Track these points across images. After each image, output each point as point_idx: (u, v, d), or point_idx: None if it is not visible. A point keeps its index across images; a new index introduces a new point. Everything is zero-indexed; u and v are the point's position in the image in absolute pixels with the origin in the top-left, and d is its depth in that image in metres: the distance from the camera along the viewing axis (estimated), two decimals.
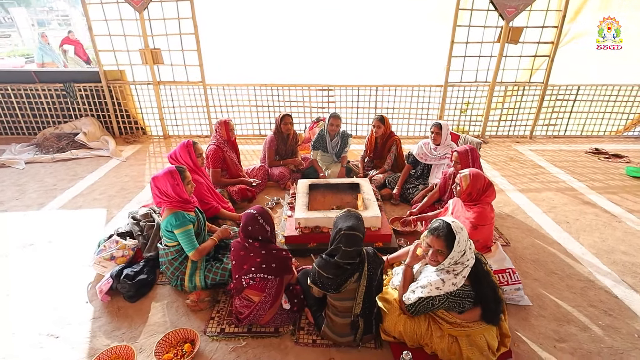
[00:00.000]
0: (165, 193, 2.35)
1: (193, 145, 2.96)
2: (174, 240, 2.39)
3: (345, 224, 1.89)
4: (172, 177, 2.34)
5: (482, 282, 1.89)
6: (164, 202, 2.36)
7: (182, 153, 2.91)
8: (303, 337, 2.16)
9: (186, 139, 2.99)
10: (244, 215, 2.13)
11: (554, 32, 5.04)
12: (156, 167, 4.60)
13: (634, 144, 5.66)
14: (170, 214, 2.33)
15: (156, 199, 2.40)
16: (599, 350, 2.10)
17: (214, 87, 5.40)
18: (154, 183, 2.37)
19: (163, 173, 2.36)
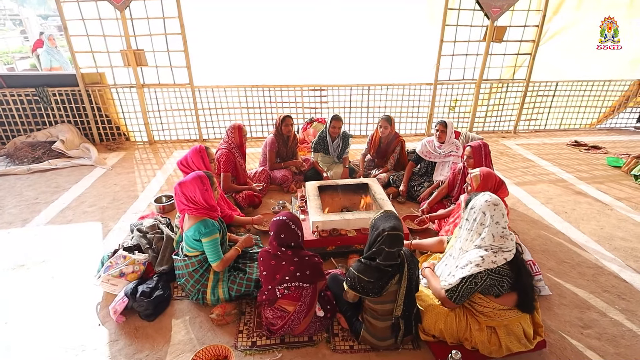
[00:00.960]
0: (192, 199, 2.22)
1: (206, 150, 2.82)
2: (196, 250, 2.26)
3: (387, 225, 1.85)
4: (202, 183, 2.23)
5: (520, 269, 1.92)
6: (189, 209, 2.23)
7: (195, 159, 2.75)
8: (340, 344, 2.11)
9: (197, 146, 2.83)
10: (273, 223, 2.03)
11: (535, 31, 5.27)
12: (146, 175, 4.35)
13: (607, 135, 6.04)
14: (198, 222, 2.21)
15: (180, 206, 2.26)
16: (622, 333, 2.20)
17: (203, 89, 5.19)
18: (180, 189, 2.24)
19: (192, 178, 2.24)
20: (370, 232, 1.92)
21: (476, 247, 1.93)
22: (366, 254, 1.92)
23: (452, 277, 1.96)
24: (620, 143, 5.63)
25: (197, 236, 2.19)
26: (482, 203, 1.93)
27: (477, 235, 1.95)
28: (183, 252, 2.33)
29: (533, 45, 5.36)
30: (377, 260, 1.85)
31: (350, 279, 1.96)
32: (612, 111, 6.21)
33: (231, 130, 3.51)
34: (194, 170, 2.70)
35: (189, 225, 2.23)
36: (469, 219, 1.99)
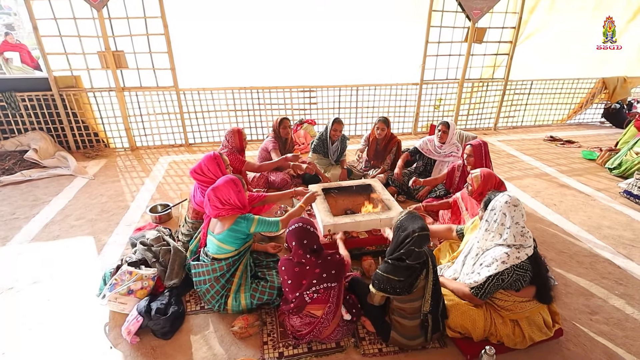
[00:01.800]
0: (227, 201, 2.19)
1: (221, 157, 2.71)
2: (233, 250, 2.21)
3: (416, 225, 1.85)
4: (235, 185, 2.22)
5: (538, 262, 2.00)
6: (225, 210, 2.19)
7: (211, 166, 2.63)
8: (368, 348, 2.09)
9: (212, 151, 2.69)
10: (292, 233, 2.00)
11: (512, 32, 5.52)
12: (134, 183, 4.12)
13: (577, 130, 6.45)
14: (236, 218, 2.20)
15: (215, 211, 2.20)
16: (626, 317, 2.35)
17: (188, 92, 4.99)
18: (214, 194, 2.18)
19: (224, 182, 2.22)
20: (396, 233, 1.92)
21: (497, 245, 1.99)
22: (393, 255, 1.92)
23: (477, 275, 2.00)
24: (589, 137, 6.03)
25: (242, 227, 2.18)
26: (503, 204, 1.98)
27: (498, 235, 2.00)
28: (210, 256, 2.24)
29: (511, 45, 5.61)
30: (407, 261, 1.85)
31: (377, 281, 1.95)
32: (580, 107, 6.63)
33: (230, 134, 3.40)
34: (210, 178, 2.60)
35: (226, 226, 2.18)
36: (489, 220, 2.04)
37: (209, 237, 2.28)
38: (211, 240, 2.26)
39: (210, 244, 2.27)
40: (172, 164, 4.68)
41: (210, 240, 2.28)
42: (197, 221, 2.75)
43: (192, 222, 2.76)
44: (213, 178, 2.62)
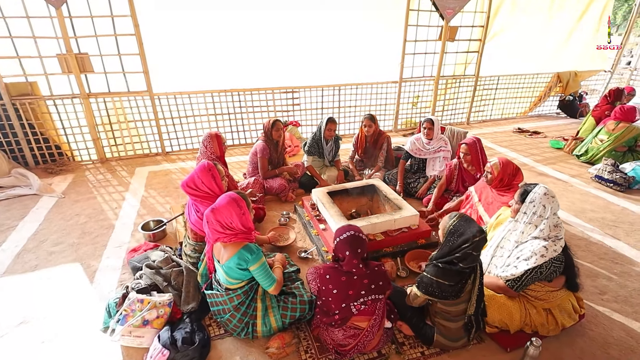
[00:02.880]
0: (229, 226, 1.94)
1: (216, 167, 2.49)
2: (242, 280, 2.00)
3: (475, 229, 1.82)
4: (238, 206, 1.96)
5: (568, 252, 2.08)
6: (226, 236, 1.95)
7: (205, 178, 2.41)
8: (411, 353, 2.06)
9: (205, 162, 2.48)
10: (345, 241, 1.86)
11: (481, 30, 5.80)
12: (113, 199, 3.75)
13: (539, 121, 6.95)
14: (240, 249, 1.94)
15: (215, 235, 1.96)
16: (630, 293, 2.53)
17: (163, 96, 4.64)
18: (214, 217, 1.93)
19: (226, 203, 1.95)
20: (451, 237, 1.88)
21: (534, 238, 2.04)
22: (445, 259, 1.89)
23: (514, 269, 2.04)
24: (550, 127, 6.52)
25: (243, 265, 1.94)
26: (542, 196, 2.03)
27: (533, 227, 2.05)
28: (223, 286, 2.05)
29: (480, 43, 5.89)
30: (461, 264, 1.83)
31: (425, 285, 1.92)
32: (539, 100, 7.16)
33: (208, 140, 3.17)
34: (205, 192, 2.40)
35: (229, 255, 1.96)
36: (527, 212, 2.07)
37: (216, 264, 2.08)
38: (218, 269, 2.04)
39: (219, 273, 2.05)
40: (152, 175, 4.32)
41: (218, 269, 2.06)
42: (198, 243, 2.51)
43: (194, 244, 2.52)
44: (208, 192, 2.42)
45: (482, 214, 2.92)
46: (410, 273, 2.65)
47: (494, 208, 2.82)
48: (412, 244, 2.90)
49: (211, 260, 2.16)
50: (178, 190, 3.93)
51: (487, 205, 2.91)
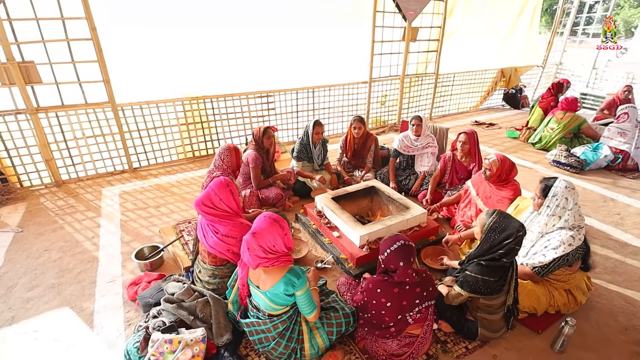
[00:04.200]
0: (272, 249, 1.79)
1: (234, 183, 2.30)
2: (286, 306, 1.87)
3: (516, 224, 1.90)
4: (281, 227, 1.81)
5: (585, 238, 2.28)
6: (268, 260, 1.79)
7: (224, 195, 2.20)
8: (457, 350, 2.10)
9: (221, 177, 2.28)
10: (397, 252, 1.81)
11: (439, 31, 6.14)
12: (86, 227, 3.29)
13: (489, 113, 7.57)
14: (286, 273, 1.81)
15: (256, 261, 1.79)
16: (614, 264, 2.87)
17: (128, 107, 4.18)
18: (256, 242, 1.77)
19: (268, 225, 1.79)
20: (492, 234, 1.94)
21: (559, 228, 2.20)
22: (486, 256, 1.95)
23: (542, 257, 2.19)
24: (500, 118, 7.14)
25: (290, 290, 1.81)
26: (564, 189, 2.19)
27: (557, 218, 2.21)
28: (264, 312, 1.90)
29: (438, 43, 6.24)
30: (504, 259, 1.91)
31: (470, 284, 1.97)
32: (487, 94, 7.80)
33: (226, 153, 2.96)
34: (224, 211, 2.21)
35: (274, 281, 1.81)
36: (550, 205, 2.23)
37: (253, 289, 1.93)
38: (259, 296, 1.89)
39: (259, 299, 1.90)
40: (124, 195, 3.88)
41: (256, 295, 1.92)
42: (218, 267, 2.32)
43: (213, 268, 2.32)
44: (227, 211, 2.24)
45: (481, 207, 3.09)
46: (430, 271, 2.71)
47: (493, 202, 3.01)
48: (424, 242, 2.98)
49: (245, 286, 1.99)
50: (161, 210, 3.58)
51: (486, 199, 3.08)
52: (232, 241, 2.22)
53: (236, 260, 2.23)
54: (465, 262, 2.10)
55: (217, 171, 2.93)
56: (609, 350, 2.11)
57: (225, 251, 2.23)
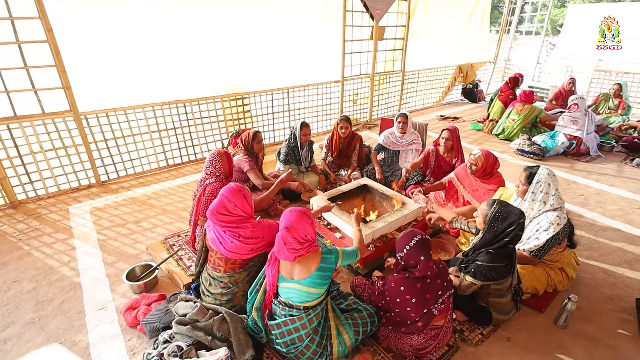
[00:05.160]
0: (305, 238, 1.85)
1: (245, 187, 2.19)
2: (324, 291, 1.91)
3: (517, 211, 2.01)
4: (308, 217, 1.89)
5: (567, 216, 2.48)
6: (303, 249, 1.84)
7: (238, 201, 2.09)
8: (473, 337, 2.18)
9: (232, 183, 2.15)
10: (417, 247, 1.86)
11: (403, 30, 6.34)
12: (58, 251, 2.95)
13: (450, 108, 7.98)
14: (321, 255, 1.89)
15: (293, 253, 1.83)
16: (588, 241, 3.16)
17: (92, 115, 3.82)
18: (291, 235, 1.81)
19: (297, 217, 1.85)
20: (495, 223, 2.03)
21: (545, 212, 2.36)
22: (494, 245, 2.04)
23: (536, 240, 2.34)
24: (462, 112, 7.56)
25: (330, 268, 1.90)
26: (546, 176, 2.36)
27: (543, 204, 2.37)
28: (300, 307, 1.87)
29: (403, 41, 6.44)
30: (510, 245, 2.01)
31: (482, 273, 2.04)
32: (448, 89, 8.21)
33: (217, 158, 2.77)
34: (239, 216, 2.11)
35: (312, 266, 1.85)
36: (535, 191, 2.38)
37: (286, 285, 1.90)
38: (293, 288, 1.87)
39: (292, 293, 1.88)
40: (96, 212, 3.54)
41: (289, 289, 1.89)
42: (235, 273, 2.21)
43: (230, 275, 2.20)
44: (242, 215, 2.15)
45: (469, 200, 3.24)
46: None
47: (480, 194, 3.16)
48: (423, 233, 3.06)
49: (274, 286, 1.92)
50: (142, 225, 3.32)
51: (472, 192, 3.23)
52: (255, 240, 2.14)
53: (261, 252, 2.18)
54: (471, 253, 2.19)
55: (209, 178, 2.76)
56: (603, 320, 2.32)
57: (248, 252, 2.14)
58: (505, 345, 2.14)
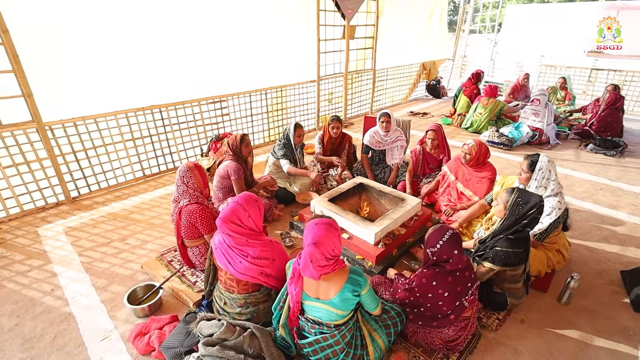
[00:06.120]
0: (332, 254, 1.72)
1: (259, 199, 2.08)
2: (349, 312, 1.82)
3: (536, 196, 2.14)
4: (335, 229, 1.76)
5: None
6: (329, 266, 1.72)
7: (253, 211, 1.97)
8: (492, 323, 2.28)
9: (247, 192, 2.03)
10: (450, 242, 1.88)
11: (373, 29, 6.46)
12: (37, 279, 2.63)
13: (417, 104, 8.28)
14: (349, 275, 1.78)
15: (319, 271, 1.71)
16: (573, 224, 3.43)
17: (58, 126, 3.44)
18: (319, 251, 1.68)
19: (325, 231, 1.70)
20: (516, 207, 2.13)
21: (547, 197, 2.53)
22: (512, 230, 2.15)
23: (540, 224, 2.49)
24: (429, 107, 7.88)
25: (357, 291, 1.77)
26: (546, 163, 2.52)
27: (543, 189, 2.54)
28: (330, 325, 1.80)
29: (373, 40, 6.57)
30: (527, 229, 2.13)
31: (502, 258, 2.14)
32: (414, 86, 8.51)
33: (188, 174, 2.49)
34: (249, 229, 2.00)
35: (339, 285, 1.74)
36: (537, 178, 2.54)
37: (312, 304, 1.81)
38: (321, 308, 1.79)
39: (319, 312, 1.80)
40: (72, 233, 3.20)
41: (316, 308, 1.81)
42: (251, 294, 2.09)
43: (245, 297, 2.08)
44: (253, 229, 2.04)
45: (462, 190, 3.38)
46: None
47: (474, 183, 3.32)
48: (424, 229, 3.14)
49: (299, 304, 1.84)
50: (129, 242, 3.07)
51: (465, 181, 3.38)
52: (265, 262, 2.02)
53: (271, 283, 2.05)
54: (489, 240, 2.29)
55: (183, 199, 2.53)
56: (597, 294, 2.53)
57: (259, 275, 2.01)
58: (520, 327, 2.26)
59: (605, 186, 4.19)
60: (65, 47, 3.33)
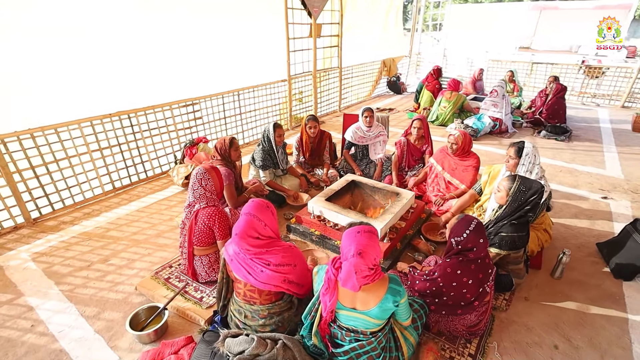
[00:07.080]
0: (374, 263, 1.66)
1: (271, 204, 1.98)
2: (384, 319, 1.79)
3: (537, 182, 2.29)
4: (376, 235, 1.72)
5: None
6: (370, 276, 1.66)
7: (268, 219, 1.88)
8: (500, 304, 2.41)
9: (257, 199, 1.93)
10: (476, 232, 1.93)
11: (338, 27, 6.50)
12: (13, 316, 2.28)
13: (380, 100, 8.51)
14: (389, 285, 1.73)
15: (361, 282, 1.64)
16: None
17: (12, 139, 3.00)
18: (364, 261, 1.61)
19: (367, 239, 1.64)
20: (519, 194, 2.27)
21: None
22: (515, 216, 2.28)
23: None
24: (392, 103, 8.13)
25: (397, 300, 1.72)
26: (532, 148, 2.71)
27: (529, 173, 2.73)
28: (367, 332, 1.77)
29: (338, 38, 6.61)
30: (530, 214, 2.27)
31: (508, 243, 2.27)
32: (376, 82, 8.72)
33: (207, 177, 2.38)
34: (267, 237, 1.92)
35: (379, 296, 1.70)
36: (525, 163, 2.72)
37: (348, 313, 1.76)
38: (358, 318, 1.75)
39: (356, 322, 1.76)
40: (41, 259, 2.82)
41: (352, 318, 1.76)
42: (275, 303, 1.99)
43: (269, 307, 1.98)
44: (271, 236, 1.97)
45: (449, 179, 3.54)
46: (433, 243, 2.97)
47: (460, 172, 3.48)
48: (420, 221, 3.23)
49: (332, 314, 1.79)
50: (114, 263, 2.78)
51: (452, 171, 3.54)
52: (287, 269, 1.94)
53: (293, 290, 1.98)
54: (491, 226, 2.41)
55: (199, 202, 2.41)
56: (582, 266, 2.79)
57: (281, 282, 1.93)
58: (526, 305, 2.41)
59: (564, 168, 4.63)
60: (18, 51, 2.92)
